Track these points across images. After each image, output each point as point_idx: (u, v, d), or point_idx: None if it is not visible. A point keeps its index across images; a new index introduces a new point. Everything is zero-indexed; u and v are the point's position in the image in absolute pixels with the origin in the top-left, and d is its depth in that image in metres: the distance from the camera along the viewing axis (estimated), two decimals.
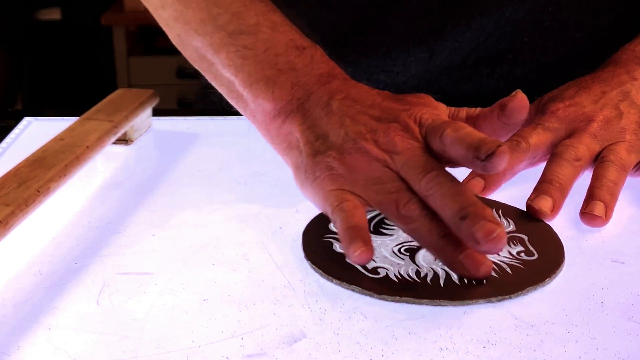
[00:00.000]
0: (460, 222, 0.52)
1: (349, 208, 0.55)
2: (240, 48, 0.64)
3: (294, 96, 0.62)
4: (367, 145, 0.57)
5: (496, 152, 0.52)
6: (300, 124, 0.61)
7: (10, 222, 0.55)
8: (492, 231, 0.50)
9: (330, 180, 0.57)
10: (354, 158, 0.57)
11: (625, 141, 0.65)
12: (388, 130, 0.57)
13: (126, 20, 2.46)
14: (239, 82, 0.65)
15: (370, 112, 0.59)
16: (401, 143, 0.56)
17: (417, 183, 0.55)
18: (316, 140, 0.59)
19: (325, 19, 0.84)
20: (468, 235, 0.51)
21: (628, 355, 0.47)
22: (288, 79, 0.63)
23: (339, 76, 0.63)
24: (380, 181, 0.56)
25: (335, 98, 0.61)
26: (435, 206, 0.54)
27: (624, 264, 0.57)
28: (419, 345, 0.48)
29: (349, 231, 0.54)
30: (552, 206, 0.61)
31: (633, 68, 0.70)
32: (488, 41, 0.82)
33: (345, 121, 0.59)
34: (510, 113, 0.57)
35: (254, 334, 0.49)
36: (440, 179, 0.54)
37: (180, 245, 0.59)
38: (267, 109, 0.63)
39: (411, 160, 0.55)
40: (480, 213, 0.51)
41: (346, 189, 0.57)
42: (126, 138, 0.77)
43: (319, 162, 0.58)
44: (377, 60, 0.84)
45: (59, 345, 0.48)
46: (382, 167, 0.56)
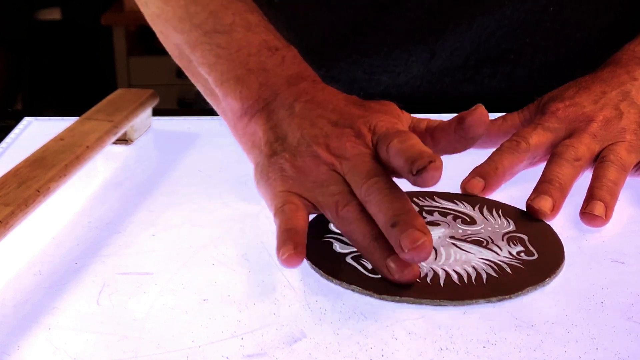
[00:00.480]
0: (391, 229, 0.52)
1: (289, 210, 0.56)
2: (214, 47, 0.66)
3: (261, 96, 0.63)
4: (319, 149, 0.58)
5: (427, 167, 0.53)
6: (264, 124, 0.62)
7: (10, 222, 0.55)
8: (416, 239, 0.51)
9: (281, 182, 0.58)
10: (304, 161, 0.58)
11: (625, 141, 0.65)
12: (341, 135, 0.58)
13: (126, 20, 2.46)
14: (212, 80, 0.66)
15: (329, 116, 0.60)
16: (351, 149, 0.57)
17: (358, 188, 0.56)
18: (275, 141, 0.60)
19: (326, 19, 0.84)
20: (395, 241, 0.52)
21: (628, 355, 0.47)
22: (257, 79, 0.64)
23: (308, 78, 0.64)
24: (325, 184, 0.57)
25: (299, 100, 0.62)
26: (371, 211, 0.54)
27: (624, 264, 0.57)
28: (419, 345, 0.48)
29: (283, 233, 0.54)
30: (552, 206, 0.61)
31: (633, 68, 0.70)
32: (489, 41, 0.82)
33: (304, 124, 0.60)
34: (468, 127, 0.58)
35: (254, 334, 0.49)
36: (380, 186, 0.55)
37: (180, 245, 0.59)
38: (235, 107, 0.64)
39: (357, 165, 0.56)
40: (409, 221, 0.52)
41: (294, 191, 0.58)
42: (126, 138, 0.77)
43: (273, 163, 0.59)
44: (378, 61, 0.84)
45: (59, 345, 0.48)
46: (329, 170, 0.57)
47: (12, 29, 2.64)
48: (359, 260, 0.56)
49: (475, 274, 0.54)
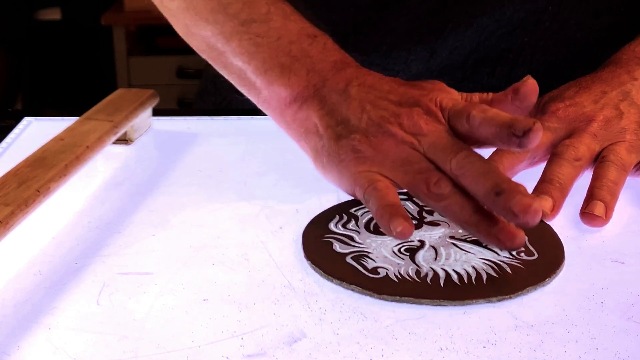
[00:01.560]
0: (496, 197, 0.52)
1: (382, 187, 0.56)
2: (253, 36, 0.66)
3: (310, 82, 0.63)
4: (393, 128, 0.58)
5: (533, 128, 0.53)
6: (318, 110, 0.62)
7: (10, 222, 0.55)
8: (529, 204, 0.51)
9: (357, 162, 0.58)
10: (380, 140, 0.58)
11: (625, 141, 0.65)
12: (411, 113, 0.58)
13: (126, 20, 2.46)
14: (252, 69, 0.65)
15: (389, 97, 0.60)
16: (426, 126, 0.58)
17: (446, 163, 0.56)
18: (337, 125, 0.60)
19: (325, 18, 0.84)
20: (505, 209, 0.52)
21: (628, 355, 0.47)
22: (303, 65, 0.64)
23: (352, 64, 0.65)
24: (408, 162, 0.57)
25: (352, 84, 0.62)
26: (467, 184, 0.55)
27: (624, 264, 0.57)
28: (419, 345, 0.48)
29: (387, 209, 0.54)
30: (552, 206, 0.61)
31: (633, 68, 0.70)
32: (489, 41, 0.82)
33: (366, 106, 0.60)
34: (524, 96, 0.58)
35: (254, 334, 0.49)
36: (471, 158, 0.55)
37: (180, 245, 0.59)
38: (282, 95, 0.64)
39: (438, 141, 0.57)
40: (515, 188, 0.52)
41: (374, 171, 0.58)
42: (126, 138, 0.77)
43: (344, 146, 0.59)
44: (377, 59, 0.84)
45: (59, 345, 0.48)
46: (409, 149, 0.57)
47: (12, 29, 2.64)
48: (359, 260, 0.56)
49: (475, 274, 0.54)
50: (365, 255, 0.57)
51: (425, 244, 0.58)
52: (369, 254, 0.57)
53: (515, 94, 0.59)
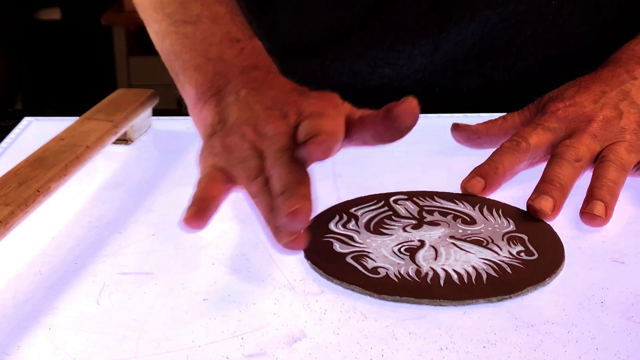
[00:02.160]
0: (280, 197, 0.54)
1: (206, 182, 0.59)
2: (181, 36, 0.70)
3: (214, 83, 0.66)
4: (246, 128, 0.61)
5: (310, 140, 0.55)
6: (213, 109, 0.64)
7: (10, 222, 0.55)
8: (291, 205, 0.53)
9: (209, 157, 0.61)
10: (232, 139, 0.61)
11: (625, 141, 0.65)
12: (268, 117, 0.61)
13: (126, 20, 2.46)
14: (177, 67, 0.70)
15: (266, 102, 0.62)
16: (273, 129, 0.60)
17: (268, 162, 0.58)
18: (218, 124, 0.63)
19: (330, 12, 0.84)
20: (279, 209, 0.54)
21: (628, 355, 0.47)
22: (214, 67, 0.67)
23: (262, 68, 0.67)
24: (245, 159, 0.59)
25: (247, 87, 0.64)
26: (271, 183, 0.57)
27: (624, 264, 0.57)
28: (419, 345, 0.48)
29: (192, 200, 0.57)
30: (552, 206, 0.61)
31: (633, 67, 0.70)
32: (492, 34, 0.82)
33: (244, 108, 0.63)
34: (396, 117, 0.57)
35: (254, 334, 0.49)
36: (284, 160, 0.57)
37: (180, 245, 0.59)
38: (191, 94, 0.67)
39: (274, 143, 0.59)
40: (294, 190, 0.54)
41: (219, 166, 0.60)
42: (126, 138, 0.77)
43: (208, 142, 0.62)
44: (381, 54, 0.84)
45: (59, 345, 0.48)
46: (250, 147, 0.60)
47: (12, 29, 2.64)
48: (359, 260, 0.56)
49: (475, 274, 0.54)
50: (365, 255, 0.57)
51: (425, 244, 0.58)
52: (369, 253, 0.57)
53: (387, 113, 0.58)
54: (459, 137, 0.71)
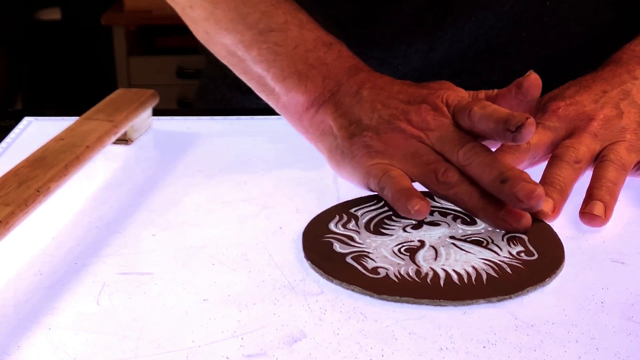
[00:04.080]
0: (501, 185, 0.57)
1: (395, 175, 0.60)
2: (271, 45, 0.69)
3: (326, 88, 0.67)
4: (402, 124, 0.62)
5: (525, 123, 0.58)
6: (332, 112, 0.66)
7: (10, 222, 0.55)
8: (532, 190, 0.56)
9: (369, 157, 0.62)
10: (390, 136, 0.62)
11: (625, 140, 0.65)
12: (419, 110, 0.62)
13: (126, 20, 2.46)
14: (271, 76, 0.69)
15: (398, 96, 0.64)
16: (433, 121, 0.62)
17: (454, 155, 0.60)
18: (350, 125, 0.64)
19: (326, 12, 0.84)
20: (510, 195, 0.57)
21: (628, 355, 0.47)
22: (319, 72, 0.68)
23: (364, 69, 0.69)
24: (417, 155, 0.61)
25: (364, 87, 0.66)
26: (473, 173, 0.59)
27: (624, 264, 0.57)
28: (419, 345, 0.48)
29: (403, 192, 0.59)
30: (553, 207, 0.61)
31: (633, 67, 0.70)
32: (488, 34, 0.82)
33: (377, 106, 0.64)
34: (527, 90, 0.63)
35: (254, 334, 0.49)
36: (477, 150, 0.60)
37: (180, 245, 0.59)
38: (300, 101, 0.68)
39: (445, 135, 0.61)
40: (518, 176, 0.57)
41: (385, 163, 0.62)
42: (126, 138, 0.77)
43: (356, 142, 0.63)
44: (377, 53, 0.84)
45: (59, 345, 0.48)
46: (418, 142, 0.61)
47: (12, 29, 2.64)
48: (359, 260, 0.56)
49: (475, 274, 0.54)
50: (365, 255, 0.57)
51: (425, 244, 0.58)
52: (369, 254, 0.57)
53: (518, 88, 0.63)
54: None
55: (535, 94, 0.63)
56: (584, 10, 0.83)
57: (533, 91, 0.63)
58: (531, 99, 0.63)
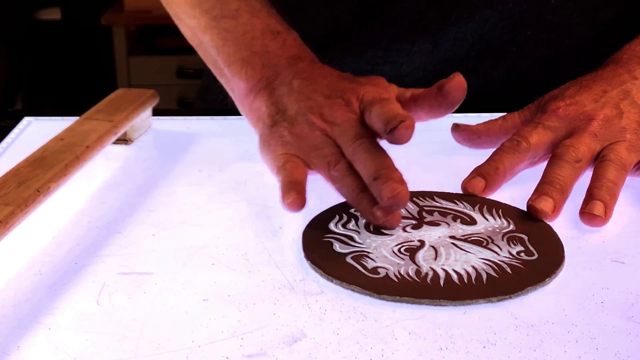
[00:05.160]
0: (374, 182, 0.59)
1: (290, 167, 0.63)
2: (221, 31, 0.72)
3: (264, 76, 0.69)
4: (313, 117, 0.64)
5: (398, 126, 0.59)
6: (266, 100, 0.68)
7: (10, 222, 0.55)
8: (394, 190, 0.57)
9: (281, 146, 0.65)
10: (301, 128, 0.64)
11: (625, 140, 0.65)
12: (333, 105, 0.65)
13: (126, 20, 2.46)
14: (221, 61, 0.72)
15: (323, 90, 0.66)
16: (341, 116, 0.64)
17: (347, 148, 0.62)
18: (276, 114, 0.66)
19: (330, 11, 0.84)
20: (377, 192, 0.58)
21: (628, 355, 0.47)
22: (260, 60, 0.70)
23: (306, 59, 0.70)
24: (319, 147, 0.63)
25: (297, 78, 0.68)
26: (358, 168, 0.61)
27: (624, 264, 0.57)
28: (419, 345, 0.48)
29: (286, 185, 0.61)
30: (553, 207, 0.61)
31: (634, 67, 0.70)
32: (491, 33, 0.82)
33: (301, 97, 0.66)
34: (447, 93, 0.64)
35: (254, 334, 0.49)
36: (365, 146, 0.61)
37: (180, 245, 0.59)
38: (241, 86, 0.70)
39: (346, 130, 0.63)
40: (388, 175, 0.58)
41: (291, 153, 0.64)
42: (126, 138, 0.77)
43: (274, 132, 0.65)
44: (380, 51, 0.84)
45: (59, 345, 0.48)
46: (322, 135, 0.64)
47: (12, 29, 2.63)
48: (359, 260, 0.56)
49: (475, 274, 0.54)
50: (365, 255, 0.57)
51: (425, 244, 0.58)
52: (369, 254, 0.57)
53: (439, 89, 0.64)
54: (459, 137, 0.71)
55: (457, 96, 0.64)
56: (587, 9, 0.83)
57: (455, 93, 0.64)
58: (452, 101, 0.64)
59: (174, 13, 0.78)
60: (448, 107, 0.65)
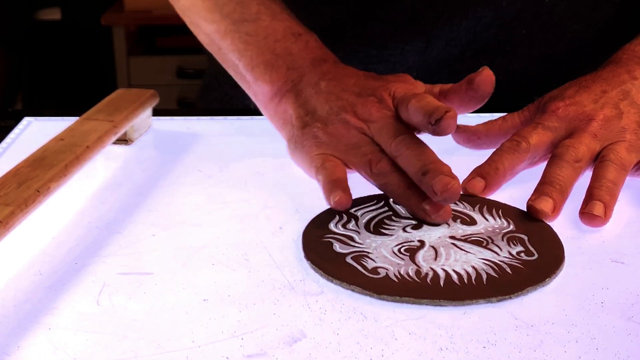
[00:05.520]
0: (422, 177, 0.59)
1: (330, 166, 0.63)
2: (243, 35, 0.72)
3: (289, 78, 0.69)
4: (347, 116, 0.65)
5: (444, 116, 0.59)
6: (293, 102, 0.68)
7: (10, 222, 0.55)
8: (447, 183, 0.57)
9: (316, 147, 0.65)
10: (336, 128, 0.64)
11: (625, 140, 0.65)
12: (366, 102, 0.65)
13: (126, 20, 2.46)
14: (242, 65, 0.72)
15: (352, 89, 0.66)
16: (376, 113, 0.64)
17: (388, 146, 0.62)
18: (306, 115, 0.66)
19: (323, 10, 0.84)
20: (428, 187, 0.58)
21: (628, 355, 0.47)
22: (284, 62, 0.70)
23: (329, 60, 0.70)
24: (357, 146, 0.63)
25: (324, 79, 0.68)
26: (402, 164, 0.61)
27: (624, 264, 0.57)
28: (419, 345, 0.48)
29: (330, 184, 0.61)
30: (553, 207, 0.61)
31: (633, 68, 0.70)
32: (486, 32, 0.82)
33: (331, 98, 0.66)
34: (477, 86, 0.65)
35: (254, 334, 0.49)
36: (408, 142, 0.61)
37: (180, 245, 0.59)
38: (265, 90, 0.70)
39: (384, 126, 0.63)
40: (438, 169, 0.58)
41: (329, 153, 0.64)
42: (126, 138, 0.77)
43: (307, 133, 0.65)
44: (374, 51, 0.84)
45: (59, 345, 0.48)
46: (359, 134, 0.64)
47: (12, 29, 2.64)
48: (359, 260, 0.56)
49: (475, 274, 0.54)
50: (365, 256, 0.57)
51: (425, 244, 0.58)
52: (369, 254, 0.57)
53: (469, 84, 0.65)
54: (458, 138, 0.71)
55: (486, 89, 0.65)
56: (582, 7, 0.83)
57: (485, 87, 0.65)
58: (482, 94, 0.65)
59: (190, 21, 0.77)
60: (479, 100, 0.66)
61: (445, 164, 0.59)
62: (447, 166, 0.59)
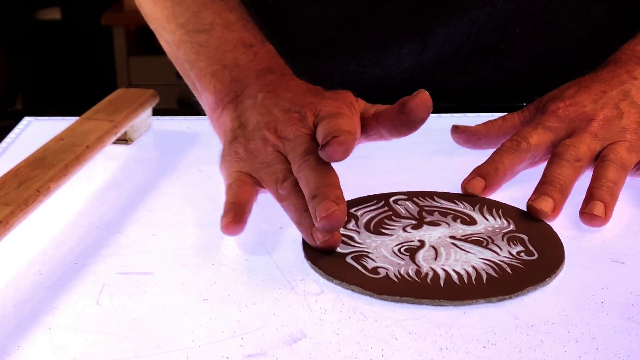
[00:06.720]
0: (312, 200, 0.56)
1: (236, 186, 0.60)
2: (195, 45, 0.71)
3: (231, 89, 0.68)
4: (268, 133, 0.62)
5: (330, 142, 0.57)
6: (231, 114, 0.66)
7: (10, 222, 0.55)
8: (329, 209, 0.54)
9: (235, 162, 0.62)
10: (256, 144, 0.62)
11: (625, 140, 0.65)
12: (288, 119, 0.62)
13: (126, 20, 2.46)
14: (194, 75, 0.71)
15: (284, 104, 0.64)
16: (293, 131, 0.61)
17: (294, 165, 0.60)
18: (238, 128, 0.64)
19: (320, 13, 0.84)
20: (313, 212, 0.56)
21: (628, 355, 0.47)
22: (230, 74, 0.68)
23: (276, 71, 0.68)
24: (270, 164, 0.61)
25: (263, 91, 0.66)
26: (301, 186, 0.58)
27: (624, 264, 0.57)
28: (419, 345, 0.48)
29: (227, 205, 0.59)
30: (553, 207, 0.61)
31: (633, 67, 0.70)
32: (480, 33, 0.82)
33: (262, 112, 0.64)
34: (410, 111, 0.60)
35: (254, 334, 0.49)
36: (310, 163, 0.58)
37: (180, 245, 0.59)
38: (210, 100, 0.69)
39: (296, 145, 0.60)
40: (326, 193, 0.55)
41: (244, 171, 0.62)
42: (126, 138, 0.77)
43: (231, 147, 0.63)
44: (370, 53, 0.84)
45: (59, 345, 0.48)
46: (274, 151, 0.61)
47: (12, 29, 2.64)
48: (359, 260, 0.56)
49: (475, 274, 0.54)
50: (365, 255, 0.57)
51: (425, 244, 0.58)
52: (369, 254, 0.57)
53: (401, 108, 0.61)
54: (458, 138, 0.71)
55: (420, 114, 0.60)
56: (576, 6, 0.83)
57: (418, 112, 0.60)
58: (415, 119, 0.60)
59: (153, 28, 0.77)
60: (411, 126, 0.61)
61: (337, 189, 0.56)
62: (338, 191, 0.56)
